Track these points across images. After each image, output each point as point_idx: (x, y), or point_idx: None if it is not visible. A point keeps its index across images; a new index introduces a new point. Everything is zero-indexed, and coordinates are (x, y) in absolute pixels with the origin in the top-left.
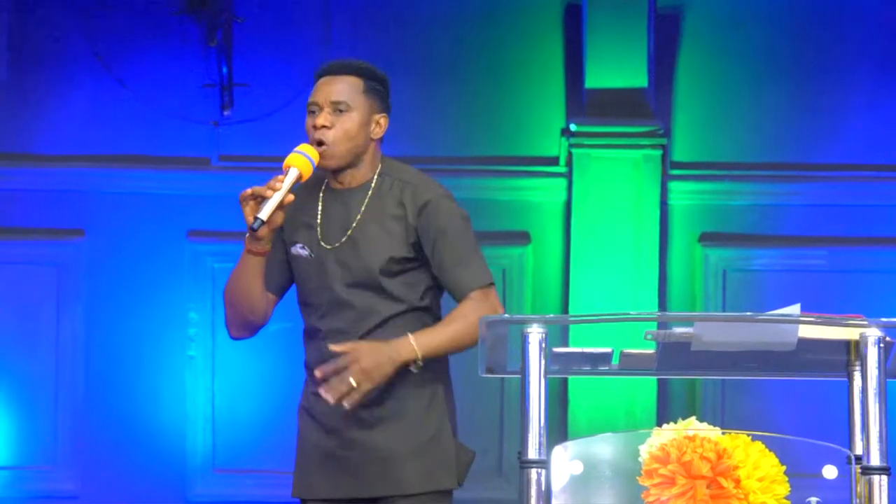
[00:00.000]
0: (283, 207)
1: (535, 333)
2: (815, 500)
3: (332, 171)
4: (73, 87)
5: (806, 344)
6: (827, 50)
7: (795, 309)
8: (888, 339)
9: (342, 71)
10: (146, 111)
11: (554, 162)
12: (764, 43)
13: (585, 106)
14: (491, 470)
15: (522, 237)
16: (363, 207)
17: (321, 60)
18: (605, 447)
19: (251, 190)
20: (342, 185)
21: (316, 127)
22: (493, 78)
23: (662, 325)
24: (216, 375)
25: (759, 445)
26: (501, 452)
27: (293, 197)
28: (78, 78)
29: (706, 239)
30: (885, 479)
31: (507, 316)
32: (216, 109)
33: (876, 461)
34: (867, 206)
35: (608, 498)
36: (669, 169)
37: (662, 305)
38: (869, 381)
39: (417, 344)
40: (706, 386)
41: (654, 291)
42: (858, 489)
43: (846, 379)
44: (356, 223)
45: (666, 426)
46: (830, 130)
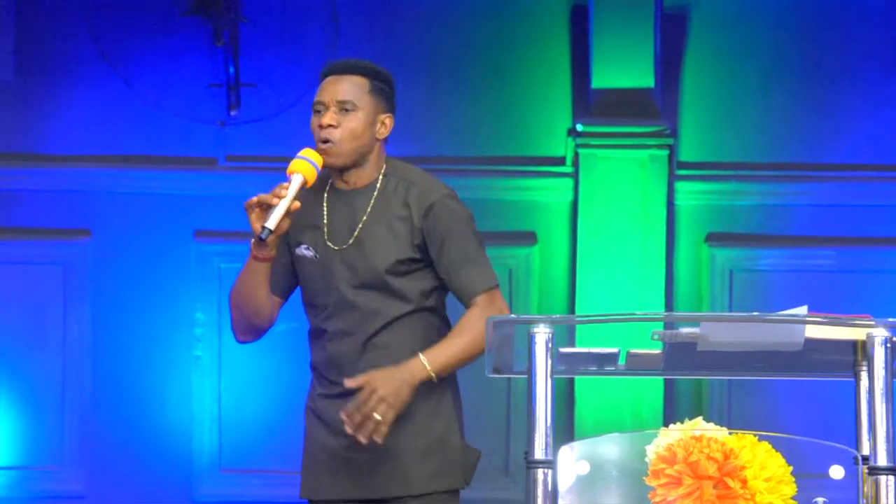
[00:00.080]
0: (289, 214)
1: (541, 333)
2: (821, 500)
3: (337, 169)
4: (79, 87)
5: (813, 344)
6: (834, 50)
7: (802, 310)
8: (895, 339)
9: (348, 70)
10: (152, 111)
11: (560, 162)
12: (771, 43)
13: (592, 106)
14: (497, 470)
15: (529, 237)
16: (369, 208)
17: (328, 60)
18: (611, 447)
19: (257, 198)
20: (347, 185)
21: (322, 126)
22: (499, 78)
23: (669, 325)
24: (223, 375)
25: (765, 446)
26: (508, 452)
27: (299, 204)
28: (84, 78)
29: (713, 239)
30: (892, 479)
31: (513, 316)
32: (223, 109)
33: (883, 461)
34: (874, 206)
35: (614, 498)
36: (676, 169)
37: (669, 306)
38: (876, 381)
39: (429, 362)
40: (713, 386)
41: (660, 292)
42: (865, 489)
43: (853, 379)
44: (362, 224)
45: (672, 426)
46: (837, 130)
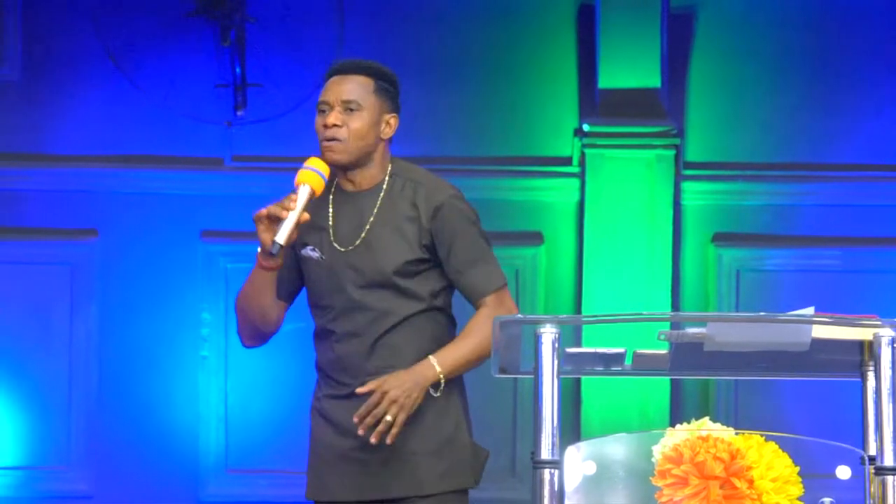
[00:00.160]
0: (298, 226)
1: (548, 334)
2: (828, 500)
3: (341, 169)
4: (85, 87)
5: (819, 344)
6: (840, 50)
7: (809, 310)
8: None
9: (353, 70)
10: (159, 111)
11: (567, 162)
12: (777, 43)
13: (598, 106)
14: (504, 470)
15: (535, 237)
16: (375, 209)
17: (334, 60)
18: (618, 447)
19: (266, 211)
20: (353, 186)
21: (327, 126)
22: (506, 78)
23: (675, 325)
24: (229, 375)
25: (772, 446)
26: (514, 453)
27: (308, 216)
28: (91, 79)
29: (719, 239)
30: None
31: (520, 316)
32: (229, 109)
33: (889, 461)
34: (881, 206)
35: (621, 498)
36: (682, 169)
37: (675, 306)
38: (882, 381)
39: (439, 364)
40: (719, 386)
41: (667, 292)
42: (872, 490)
43: (860, 379)
44: (370, 225)
45: (679, 426)
46: (844, 130)
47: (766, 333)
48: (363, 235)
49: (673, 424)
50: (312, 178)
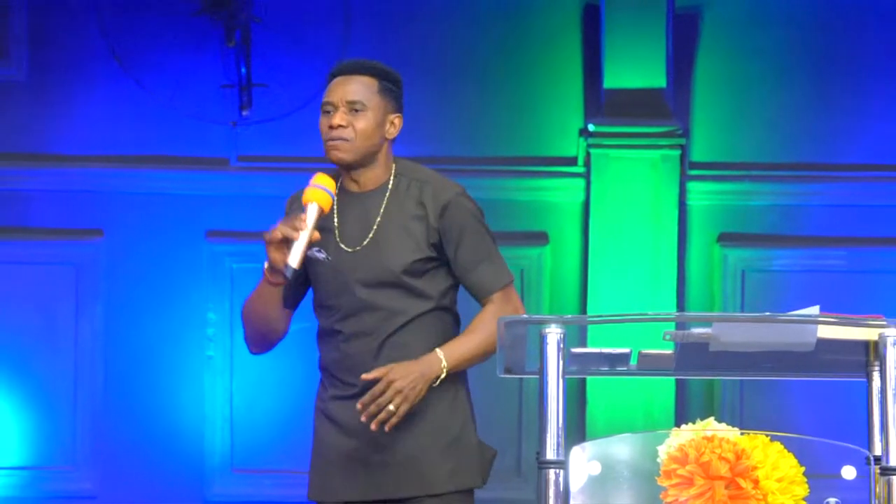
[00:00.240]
0: (309, 245)
1: (553, 334)
2: (833, 500)
3: (345, 168)
4: (91, 87)
5: (825, 344)
6: (846, 49)
7: (814, 310)
8: None
9: (357, 71)
10: (164, 112)
11: (572, 162)
12: (783, 42)
13: (603, 106)
14: (509, 470)
15: (540, 237)
16: (382, 209)
17: (338, 61)
18: (623, 448)
19: (280, 233)
20: (358, 186)
21: (332, 126)
22: (511, 78)
23: (681, 325)
24: (235, 375)
25: (777, 446)
26: (520, 453)
27: (318, 235)
28: (96, 79)
29: (725, 239)
30: None
31: (525, 316)
32: (235, 110)
33: (895, 461)
34: (887, 206)
35: (626, 499)
36: (688, 169)
37: (681, 306)
38: (888, 381)
39: (445, 357)
40: (724, 386)
41: (672, 292)
42: (877, 490)
43: (865, 379)
44: (377, 225)
45: (684, 426)
46: (850, 130)
47: (771, 333)
48: (371, 235)
49: (678, 424)
50: (321, 196)
